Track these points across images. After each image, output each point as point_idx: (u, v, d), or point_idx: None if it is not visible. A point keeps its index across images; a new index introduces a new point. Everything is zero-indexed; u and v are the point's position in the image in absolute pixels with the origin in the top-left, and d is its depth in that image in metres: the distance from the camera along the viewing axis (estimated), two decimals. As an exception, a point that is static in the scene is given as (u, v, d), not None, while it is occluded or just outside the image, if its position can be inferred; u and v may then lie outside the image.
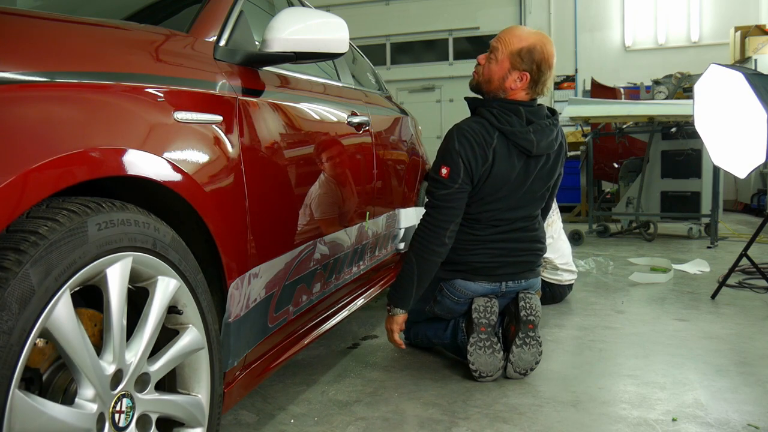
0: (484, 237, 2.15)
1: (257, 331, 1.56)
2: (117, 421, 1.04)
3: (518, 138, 1.99)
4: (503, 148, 2.01)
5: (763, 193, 6.87)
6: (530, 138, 2.00)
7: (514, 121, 2.01)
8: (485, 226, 2.15)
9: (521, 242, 2.18)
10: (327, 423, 1.77)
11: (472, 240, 2.15)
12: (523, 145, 2.00)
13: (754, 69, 4.66)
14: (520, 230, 2.18)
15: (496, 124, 2.01)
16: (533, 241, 2.21)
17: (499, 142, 2.01)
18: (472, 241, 2.15)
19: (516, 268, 2.17)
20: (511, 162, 2.03)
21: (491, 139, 2.01)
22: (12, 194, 0.85)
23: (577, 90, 8.69)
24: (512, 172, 2.06)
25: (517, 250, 2.17)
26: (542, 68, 2.01)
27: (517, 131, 2.00)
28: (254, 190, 1.46)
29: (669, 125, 5.22)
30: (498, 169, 2.03)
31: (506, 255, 2.16)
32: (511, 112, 2.03)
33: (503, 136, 2.01)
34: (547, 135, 2.04)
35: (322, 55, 1.66)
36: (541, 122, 2.04)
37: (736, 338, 2.48)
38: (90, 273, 0.98)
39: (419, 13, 9.39)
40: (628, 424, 1.72)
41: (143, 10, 1.74)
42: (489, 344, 2.06)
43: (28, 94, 0.92)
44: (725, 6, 8.41)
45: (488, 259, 2.15)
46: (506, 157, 2.02)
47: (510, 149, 2.02)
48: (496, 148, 2.00)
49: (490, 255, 2.15)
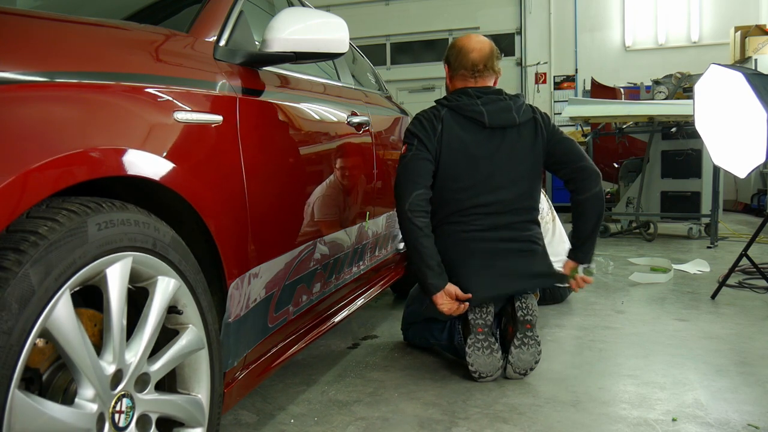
0: (468, 233, 2.09)
1: (257, 331, 1.56)
2: (117, 421, 1.04)
3: (465, 110, 2.08)
4: (451, 121, 2.10)
5: (763, 193, 6.87)
6: (478, 108, 2.07)
7: (462, 98, 2.13)
8: (465, 217, 2.10)
9: (509, 242, 2.11)
10: (327, 423, 1.77)
11: (456, 237, 2.11)
12: (473, 116, 2.08)
13: (754, 69, 4.65)
14: (506, 227, 2.11)
15: (444, 102, 2.16)
16: (525, 240, 2.12)
17: (447, 115, 2.11)
18: (456, 240, 2.11)
19: (507, 275, 2.09)
20: (467, 133, 2.09)
21: (439, 113, 2.13)
22: (12, 194, 0.85)
23: (577, 90, 8.70)
24: (469, 143, 2.08)
25: (504, 252, 2.10)
26: (453, 52, 2.19)
27: (464, 103, 2.10)
28: (254, 190, 1.46)
29: (669, 125, 5.22)
30: (448, 138, 2.08)
31: (492, 256, 2.09)
32: (461, 93, 2.15)
33: (452, 110, 2.12)
34: (501, 107, 2.09)
35: (322, 55, 1.66)
36: (491, 96, 2.12)
37: (736, 338, 2.48)
38: (90, 273, 0.98)
39: (419, 13, 9.39)
40: (628, 424, 1.72)
41: (143, 10, 1.74)
42: (487, 345, 2.06)
43: (28, 94, 0.92)
44: (725, 6, 8.41)
45: (476, 266, 2.08)
46: (457, 128, 2.09)
47: (462, 122, 2.10)
48: (444, 119, 2.10)
49: (478, 256, 2.09)
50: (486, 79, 2.17)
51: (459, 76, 2.18)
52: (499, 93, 2.15)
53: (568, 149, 2.18)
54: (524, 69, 9.12)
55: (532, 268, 2.14)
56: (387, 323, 2.83)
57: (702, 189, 5.20)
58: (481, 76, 2.15)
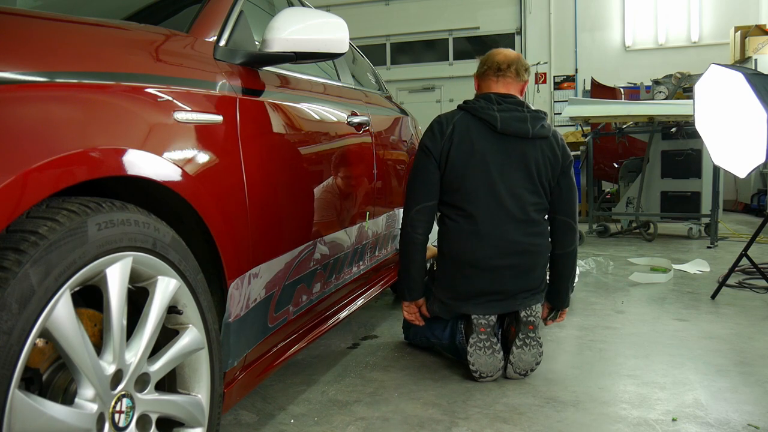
0: (470, 234, 2.06)
1: (257, 331, 1.56)
2: (117, 421, 1.03)
3: (480, 112, 2.11)
4: (464, 123, 2.12)
5: (763, 193, 6.87)
6: (493, 113, 2.09)
7: (481, 102, 2.16)
8: (461, 214, 2.09)
9: (507, 256, 2.06)
10: (327, 423, 1.77)
11: (457, 236, 2.09)
12: (486, 119, 2.09)
13: (754, 69, 4.65)
14: (503, 235, 2.06)
15: (462, 105, 2.20)
16: (523, 252, 2.07)
17: (461, 118, 2.14)
18: (457, 237, 2.09)
19: (498, 295, 2.08)
20: (478, 136, 2.09)
21: (453, 117, 2.16)
22: (12, 194, 0.85)
23: (577, 90, 8.70)
24: (478, 146, 2.07)
25: (500, 268, 2.06)
26: (483, 58, 2.26)
27: (480, 107, 2.13)
28: (254, 190, 1.46)
29: (669, 125, 5.22)
30: (459, 139, 2.10)
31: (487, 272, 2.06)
32: (482, 97, 2.18)
33: (467, 113, 2.15)
34: (516, 116, 2.10)
35: (322, 55, 1.66)
36: (509, 105, 2.13)
37: (736, 338, 2.48)
38: (90, 273, 0.98)
39: (419, 13, 9.39)
40: (628, 424, 1.72)
41: (143, 10, 1.74)
42: (489, 344, 2.06)
43: (28, 94, 0.92)
44: (725, 6, 8.42)
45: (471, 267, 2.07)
46: (470, 130, 2.11)
47: (476, 125, 2.11)
48: (456, 122, 2.13)
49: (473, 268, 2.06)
50: (509, 84, 2.18)
51: (484, 77, 2.22)
52: (520, 104, 2.14)
53: (566, 197, 2.17)
54: (524, 69, 9.11)
55: (526, 284, 2.11)
56: (387, 323, 2.83)
57: (702, 189, 5.20)
58: (503, 77, 2.17)
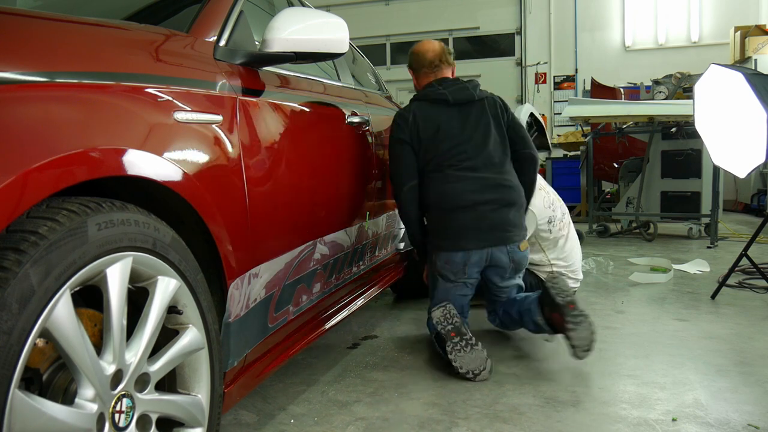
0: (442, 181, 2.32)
1: (257, 331, 1.56)
2: (117, 421, 1.04)
3: (432, 95, 2.44)
4: (422, 109, 2.43)
5: (763, 193, 6.87)
6: (442, 92, 2.42)
7: (427, 89, 2.50)
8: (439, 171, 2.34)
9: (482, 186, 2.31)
10: (327, 423, 1.77)
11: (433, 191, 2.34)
12: (439, 98, 2.42)
13: (754, 69, 4.65)
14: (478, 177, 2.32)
15: (415, 97, 2.52)
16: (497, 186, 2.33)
17: (417, 106, 2.44)
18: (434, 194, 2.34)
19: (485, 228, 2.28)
20: (437, 113, 2.40)
21: (410, 108, 2.47)
22: (12, 194, 0.85)
23: (577, 90, 8.70)
24: (440, 121, 2.38)
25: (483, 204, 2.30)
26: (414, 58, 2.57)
27: (431, 91, 2.46)
28: (254, 190, 1.46)
29: (669, 125, 5.22)
30: (423, 121, 2.39)
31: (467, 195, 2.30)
32: (426, 87, 2.51)
33: (420, 101, 2.46)
34: (460, 87, 2.45)
35: (322, 55, 1.66)
36: (450, 82, 2.48)
37: (736, 338, 2.48)
38: (90, 273, 0.98)
39: (419, 13, 9.39)
40: (628, 424, 1.72)
41: (143, 10, 1.74)
42: (465, 343, 2.10)
43: (28, 94, 0.92)
44: (725, 6, 8.42)
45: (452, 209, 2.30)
46: (428, 111, 2.41)
47: (431, 107, 2.42)
48: (414, 110, 2.43)
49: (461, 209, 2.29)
50: (444, 72, 2.53)
51: (422, 75, 2.55)
52: (457, 80, 2.52)
53: (521, 134, 2.50)
54: (524, 69, 9.12)
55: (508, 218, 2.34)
56: (387, 323, 2.83)
57: (702, 189, 5.20)
58: (438, 69, 2.52)
